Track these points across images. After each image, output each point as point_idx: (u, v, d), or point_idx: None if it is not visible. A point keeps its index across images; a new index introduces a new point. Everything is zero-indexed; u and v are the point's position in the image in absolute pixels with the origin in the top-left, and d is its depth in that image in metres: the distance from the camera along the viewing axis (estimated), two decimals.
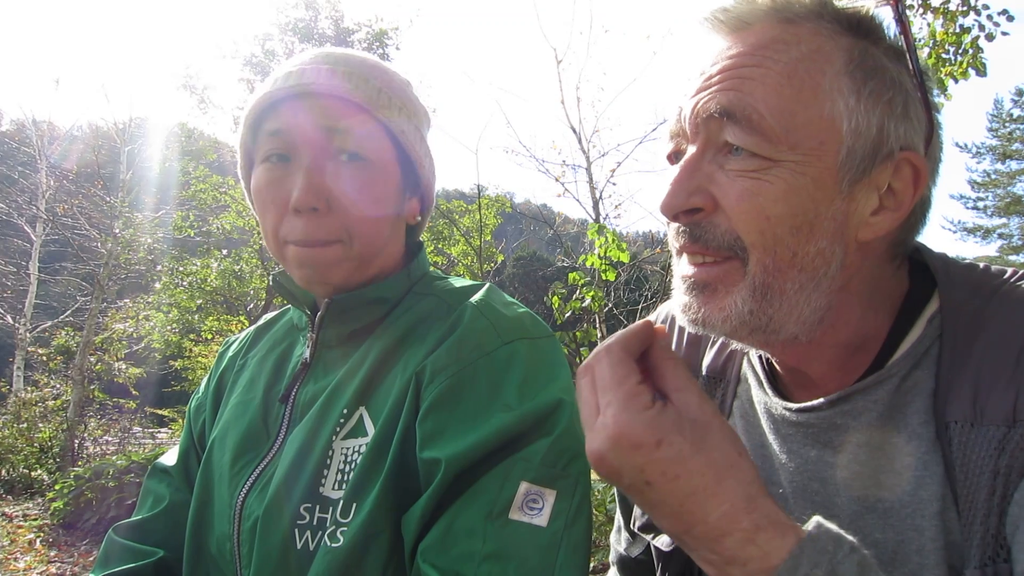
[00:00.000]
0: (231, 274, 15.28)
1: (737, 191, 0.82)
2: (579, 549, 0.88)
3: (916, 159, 0.84)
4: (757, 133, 0.81)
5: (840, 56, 0.83)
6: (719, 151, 0.85)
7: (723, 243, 0.84)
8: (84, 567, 6.49)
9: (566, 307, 6.02)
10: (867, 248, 0.86)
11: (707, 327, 0.87)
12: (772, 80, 0.82)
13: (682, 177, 0.85)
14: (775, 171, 0.81)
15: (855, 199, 0.83)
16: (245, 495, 1.03)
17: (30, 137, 17.44)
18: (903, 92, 0.84)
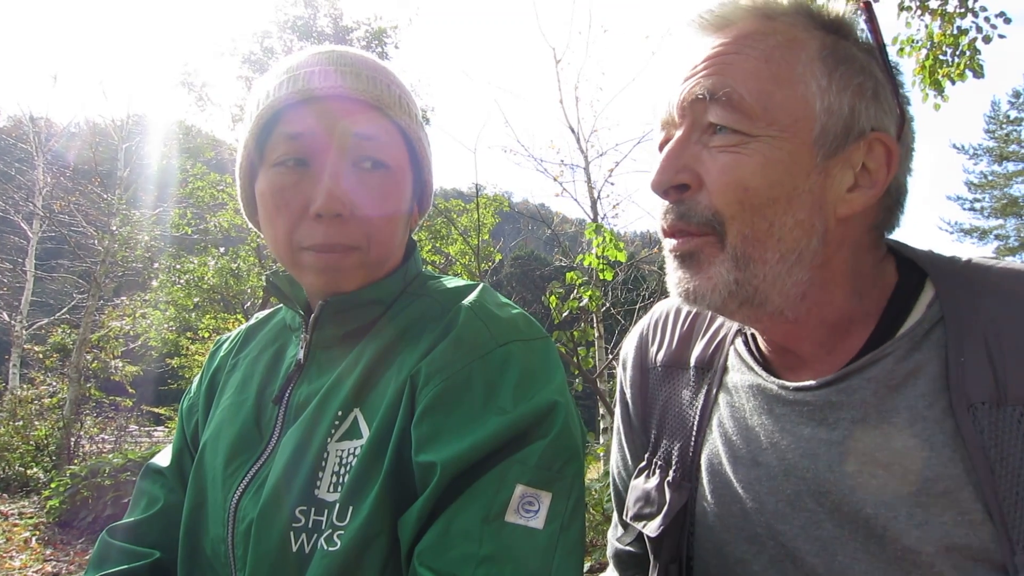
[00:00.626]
0: (228, 272, 15.25)
1: (719, 165, 0.89)
2: (575, 551, 0.88)
3: (887, 139, 0.90)
4: (737, 111, 0.88)
5: (814, 44, 0.90)
6: (704, 131, 0.91)
7: (703, 219, 0.90)
8: (80, 565, 6.48)
9: (564, 306, 6.02)
10: (847, 226, 0.91)
11: (699, 299, 0.93)
12: (751, 64, 0.89)
13: (670, 155, 0.92)
14: (753, 145, 0.88)
15: (831, 175, 0.89)
16: (239, 497, 1.03)
17: (27, 133, 17.39)
18: (873, 79, 0.91)
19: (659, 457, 1.12)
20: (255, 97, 1.06)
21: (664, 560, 1.06)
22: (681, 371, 1.14)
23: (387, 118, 1.04)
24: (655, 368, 1.18)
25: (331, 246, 1.00)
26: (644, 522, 1.09)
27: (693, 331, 1.15)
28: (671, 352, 1.16)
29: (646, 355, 1.21)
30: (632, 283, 12.11)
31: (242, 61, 17.48)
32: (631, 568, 1.25)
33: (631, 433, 1.22)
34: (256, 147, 1.05)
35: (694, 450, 1.06)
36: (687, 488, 1.05)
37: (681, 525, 1.04)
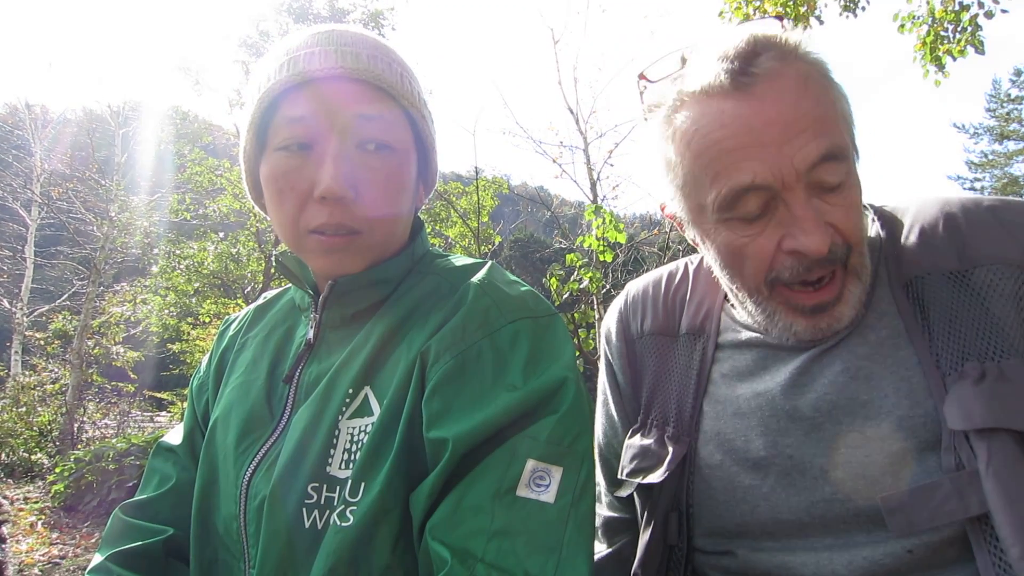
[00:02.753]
0: (228, 257, 15.26)
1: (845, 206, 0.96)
2: (586, 524, 0.89)
3: None
4: (846, 158, 0.96)
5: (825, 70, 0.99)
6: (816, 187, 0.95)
7: (834, 256, 0.97)
8: (86, 549, 6.53)
9: (564, 288, 6.03)
10: None
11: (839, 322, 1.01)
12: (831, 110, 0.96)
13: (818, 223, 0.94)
14: (853, 174, 0.98)
15: None
16: (251, 475, 1.04)
17: (23, 120, 17.32)
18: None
19: (653, 417, 1.18)
20: (255, 81, 1.06)
21: (663, 509, 1.12)
22: (670, 339, 1.22)
23: (389, 98, 1.03)
24: (641, 338, 1.25)
25: (335, 227, 1.00)
26: (643, 475, 1.15)
27: (676, 303, 1.24)
28: (658, 322, 1.24)
29: (629, 327, 1.29)
30: (632, 264, 12.10)
31: (238, 45, 17.39)
32: (619, 534, 1.29)
33: (620, 400, 1.28)
34: (258, 132, 1.05)
35: (693, 405, 1.13)
36: (686, 441, 1.11)
37: (680, 475, 1.11)
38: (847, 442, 0.96)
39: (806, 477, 0.99)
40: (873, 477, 0.94)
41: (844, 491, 0.95)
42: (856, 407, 0.97)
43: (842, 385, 0.99)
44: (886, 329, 0.99)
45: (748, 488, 1.03)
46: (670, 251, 9.40)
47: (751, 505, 1.03)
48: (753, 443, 1.04)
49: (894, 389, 0.95)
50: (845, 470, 0.96)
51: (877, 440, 0.94)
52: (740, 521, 1.04)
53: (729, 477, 1.06)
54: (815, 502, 0.97)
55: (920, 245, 1.02)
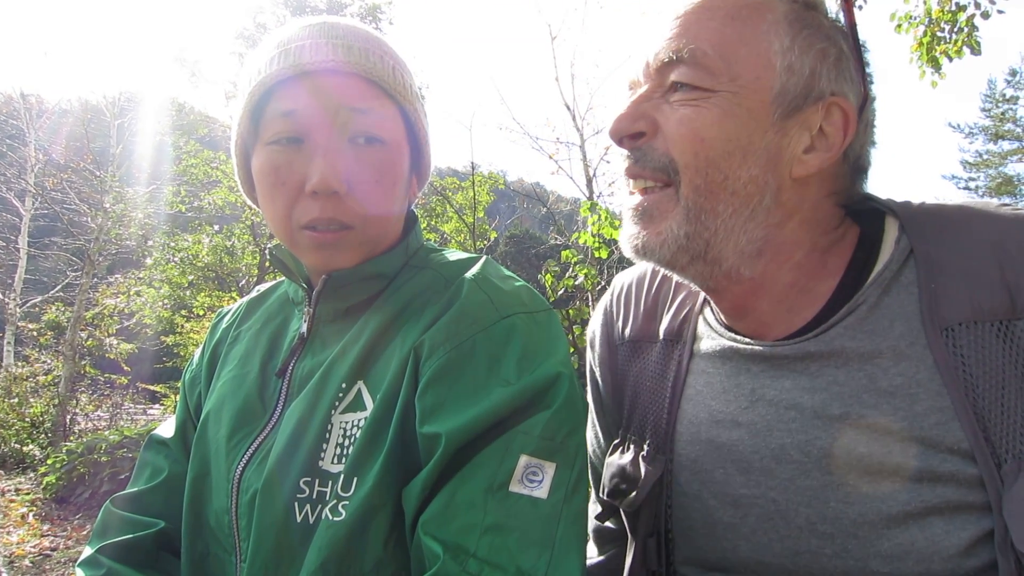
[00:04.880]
0: (223, 250, 15.22)
1: (677, 116, 0.91)
2: (579, 520, 0.89)
3: (845, 104, 0.92)
4: (700, 67, 0.90)
5: (780, 7, 0.93)
6: (667, 90, 0.94)
7: (659, 164, 0.93)
8: (78, 541, 6.52)
9: (559, 285, 6.03)
10: (803, 188, 0.94)
11: (647, 253, 0.96)
12: (716, 22, 0.92)
13: (631, 105, 0.95)
14: (713, 99, 0.90)
15: (787, 134, 0.91)
16: (243, 469, 1.03)
17: (18, 110, 17.23)
18: (837, 47, 0.94)
19: (633, 432, 1.12)
20: (247, 73, 1.05)
21: (642, 535, 1.07)
22: (649, 345, 1.14)
23: (381, 91, 1.03)
24: (623, 344, 1.18)
25: (327, 221, 0.99)
26: (620, 498, 1.09)
27: (658, 304, 1.16)
28: (638, 326, 1.17)
29: (612, 331, 1.22)
30: (628, 261, 12.11)
31: (235, 36, 17.33)
32: (610, 543, 1.26)
33: (603, 411, 1.23)
34: (250, 125, 1.04)
35: (668, 422, 1.06)
36: (662, 461, 1.05)
37: (658, 498, 1.05)
38: (838, 496, 0.88)
39: (791, 526, 0.91)
40: (866, 538, 0.86)
41: (833, 548, 0.88)
42: (852, 459, 0.87)
43: (837, 432, 0.89)
44: (903, 376, 0.86)
45: (728, 525, 0.97)
46: None
47: (732, 543, 0.96)
48: (733, 478, 0.97)
49: (902, 448, 0.84)
50: (835, 525, 0.88)
51: (874, 499, 0.86)
52: (721, 556, 0.98)
53: (708, 510, 0.99)
54: (800, 552, 0.90)
55: (967, 281, 0.86)
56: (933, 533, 0.82)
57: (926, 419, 0.84)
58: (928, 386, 0.85)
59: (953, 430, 0.82)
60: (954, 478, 0.82)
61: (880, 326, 0.89)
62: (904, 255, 0.92)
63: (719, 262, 0.93)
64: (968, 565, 0.81)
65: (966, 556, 0.81)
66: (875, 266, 0.93)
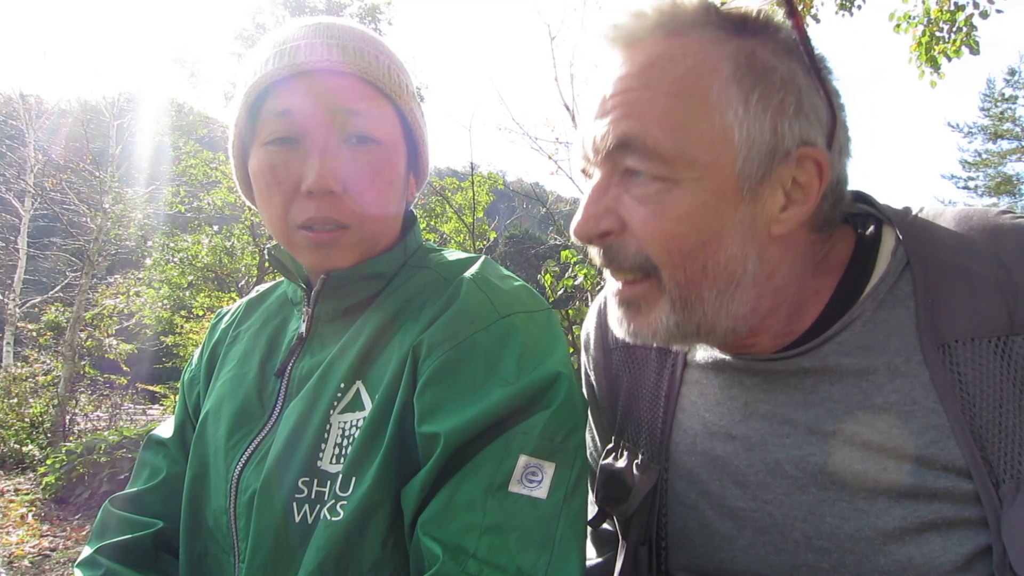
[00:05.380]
0: (222, 250, 15.19)
1: (642, 215, 0.86)
2: (578, 520, 0.89)
3: (816, 153, 0.86)
4: (654, 157, 0.84)
5: (726, 64, 0.84)
6: (624, 175, 0.88)
7: (635, 263, 0.89)
8: (77, 541, 6.51)
9: (559, 285, 6.02)
10: (786, 240, 0.89)
11: (641, 339, 0.93)
12: (661, 102, 0.84)
13: (591, 203, 0.89)
14: (676, 191, 0.84)
15: (761, 201, 0.86)
16: (241, 468, 1.03)
17: (17, 110, 17.23)
18: (795, 90, 0.86)
19: (627, 439, 1.11)
20: (245, 73, 1.05)
21: (633, 542, 1.06)
22: (644, 350, 1.12)
23: (377, 91, 1.03)
24: (617, 348, 1.17)
25: (323, 221, 0.99)
26: (613, 505, 1.09)
27: None
28: None
29: (606, 334, 1.20)
30: None
31: (234, 37, 17.33)
32: (608, 545, 1.26)
33: (597, 414, 1.22)
34: (247, 125, 1.04)
35: (663, 431, 1.05)
36: (655, 470, 1.04)
37: (650, 507, 1.04)
38: (834, 512, 0.87)
39: (787, 540, 0.91)
40: (863, 553, 0.85)
41: (829, 562, 0.88)
42: (847, 476, 0.87)
43: (831, 448, 0.88)
44: (898, 394, 0.85)
45: (725, 537, 0.96)
46: None
47: (729, 554, 0.96)
48: (729, 491, 0.96)
49: (897, 465, 0.84)
50: (831, 541, 0.87)
51: (870, 515, 0.85)
52: (719, 566, 0.98)
53: (705, 521, 0.99)
54: (798, 566, 0.90)
55: (964, 296, 0.84)
56: (930, 549, 0.82)
57: (921, 437, 0.83)
58: (923, 404, 0.83)
59: (949, 448, 0.81)
60: (950, 494, 0.81)
61: (875, 341, 0.88)
62: (900, 267, 0.89)
63: (714, 332, 0.91)
64: None
65: (963, 572, 0.80)
66: (871, 278, 0.91)
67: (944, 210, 0.93)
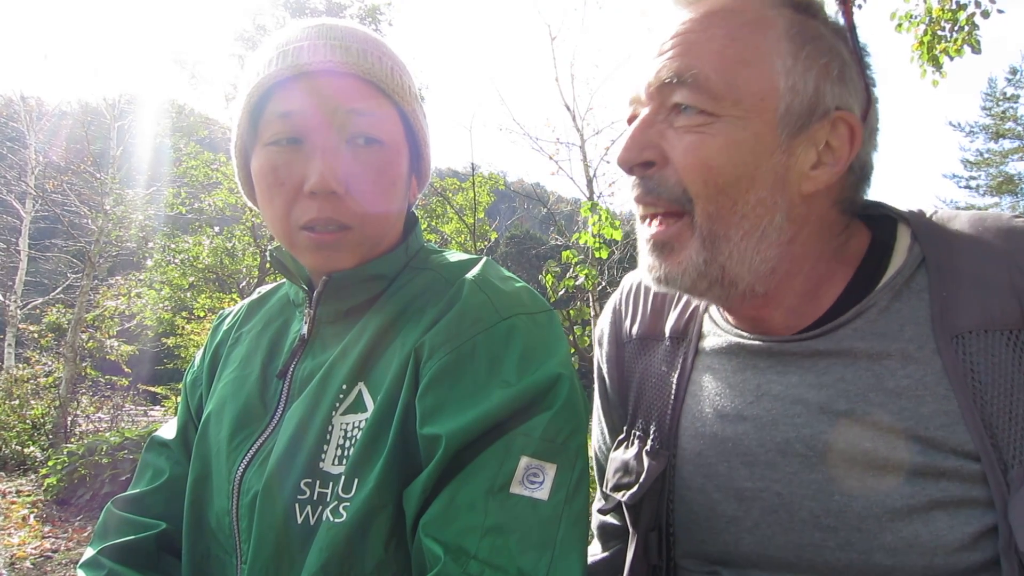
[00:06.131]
0: (223, 251, 15.20)
1: (684, 145, 0.92)
2: (580, 522, 0.89)
3: (851, 118, 0.93)
4: (703, 92, 0.90)
5: (781, 22, 0.92)
6: (670, 112, 0.94)
7: (672, 195, 0.93)
8: (79, 542, 6.52)
9: (559, 285, 6.03)
10: (812, 202, 0.95)
11: (669, 283, 0.97)
12: (717, 43, 0.91)
13: (636, 134, 0.95)
14: (718, 125, 0.90)
15: (794, 153, 0.92)
16: (243, 470, 1.04)
17: (18, 112, 17.25)
18: (839, 59, 0.93)
19: (637, 428, 1.13)
20: (247, 75, 1.05)
21: (643, 528, 1.07)
22: (656, 342, 1.15)
23: (379, 92, 1.03)
24: (631, 341, 1.19)
25: (325, 222, 0.99)
26: (623, 492, 1.10)
27: (666, 302, 1.18)
28: (645, 324, 1.18)
29: (620, 329, 1.23)
30: (628, 261, 12.11)
31: (234, 38, 17.35)
32: (613, 539, 1.27)
33: (608, 408, 1.24)
34: (250, 126, 1.04)
35: (672, 417, 1.07)
36: (665, 456, 1.06)
37: (659, 492, 1.05)
38: (842, 489, 0.89)
39: (794, 519, 0.92)
40: (870, 531, 0.87)
41: (836, 540, 0.89)
42: (856, 454, 0.88)
43: (842, 427, 0.90)
44: (910, 379, 0.87)
45: (732, 518, 0.97)
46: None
47: (734, 536, 0.97)
48: (737, 471, 0.98)
49: (906, 445, 0.85)
50: (839, 519, 0.89)
51: (878, 493, 0.87)
52: (724, 549, 0.99)
53: (711, 504, 1.00)
54: (803, 545, 0.91)
55: (978, 290, 0.88)
56: (936, 527, 0.83)
57: (932, 421, 0.85)
58: (935, 389, 0.86)
59: (958, 433, 0.83)
60: (958, 474, 0.83)
61: (890, 329, 0.90)
62: (916, 262, 0.93)
63: (735, 284, 0.94)
64: (971, 559, 0.82)
65: (969, 551, 0.82)
66: (887, 271, 0.95)
67: (958, 214, 0.97)
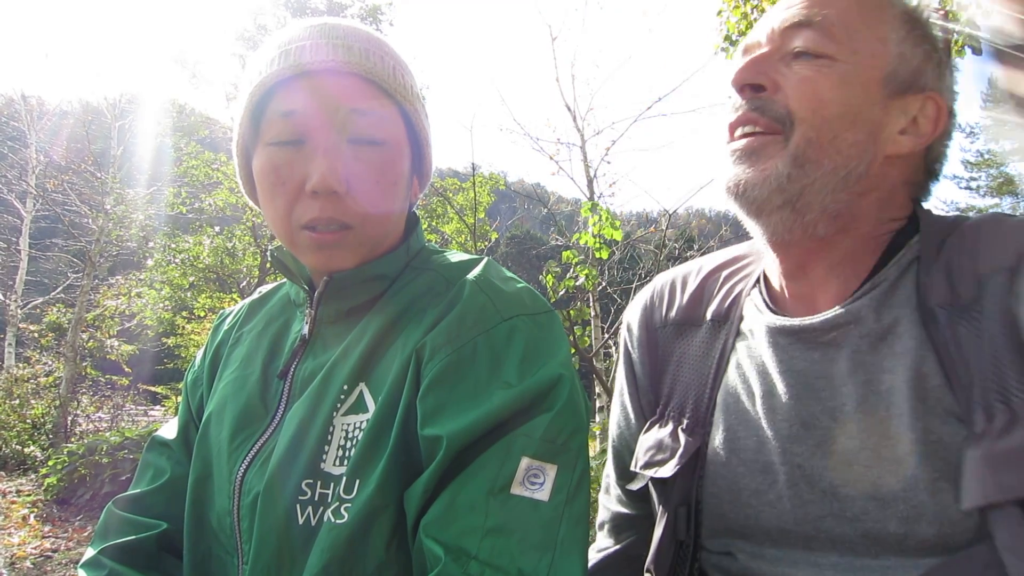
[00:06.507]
0: (224, 251, 15.19)
1: (799, 76, 0.99)
2: (580, 522, 0.89)
3: (941, 100, 1.01)
4: (827, 35, 0.98)
5: (900, 6, 1.02)
6: (788, 55, 1.01)
7: (776, 115, 0.99)
8: (79, 542, 6.52)
9: (560, 285, 6.02)
10: (890, 166, 1.01)
11: (747, 191, 1.01)
12: (845, 1, 1.00)
13: (756, 59, 1.02)
14: (834, 67, 0.98)
15: (889, 113, 0.99)
16: (244, 471, 1.04)
17: (19, 111, 17.25)
18: (940, 54, 1.03)
19: (672, 408, 1.15)
20: (248, 74, 1.05)
21: (674, 503, 1.09)
22: (694, 327, 1.18)
23: (381, 91, 1.03)
24: (665, 327, 1.22)
25: (327, 221, 0.99)
26: (656, 468, 1.12)
27: (705, 291, 1.21)
28: (683, 310, 1.21)
29: (652, 317, 1.25)
30: (628, 262, 12.11)
31: (235, 38, 17.35)
32: (626, 531, 1.28)
33: (637, 393, 1.25)
34: (251, 125, 1.04)
35: (709, 396, 1.10)
36: (700, 434, 1.08)
37: (693, 468, 1.08)
38: (860, 460, 0.92)
39: (815, 490, 0.95)
40: (884, 500, 0.89)
41: (853, 511, 0.91)
42: (873, 424, 0.91)
43: (861, 398, 0.93)
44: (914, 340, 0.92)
45: (754, 492, 1.00)
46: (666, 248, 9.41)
47: (755, 509, 1.00)
48: (764, 445, 1.01)
49: (911, 408, 0.89)
50: (856, 488, 0.91)
51: (891, 462, 0.89)
52: (744, 523, 1.01)
53: (735, 477, 1.02)
54: (822, 516, 0.93)
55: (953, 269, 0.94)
56: (943, 498, 0.86)
57: (932, 380, 0.89)
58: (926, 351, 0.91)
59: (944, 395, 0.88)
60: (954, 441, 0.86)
61: (898, 300, 0.96)
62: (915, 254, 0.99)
63: (804, 212, 0.99)
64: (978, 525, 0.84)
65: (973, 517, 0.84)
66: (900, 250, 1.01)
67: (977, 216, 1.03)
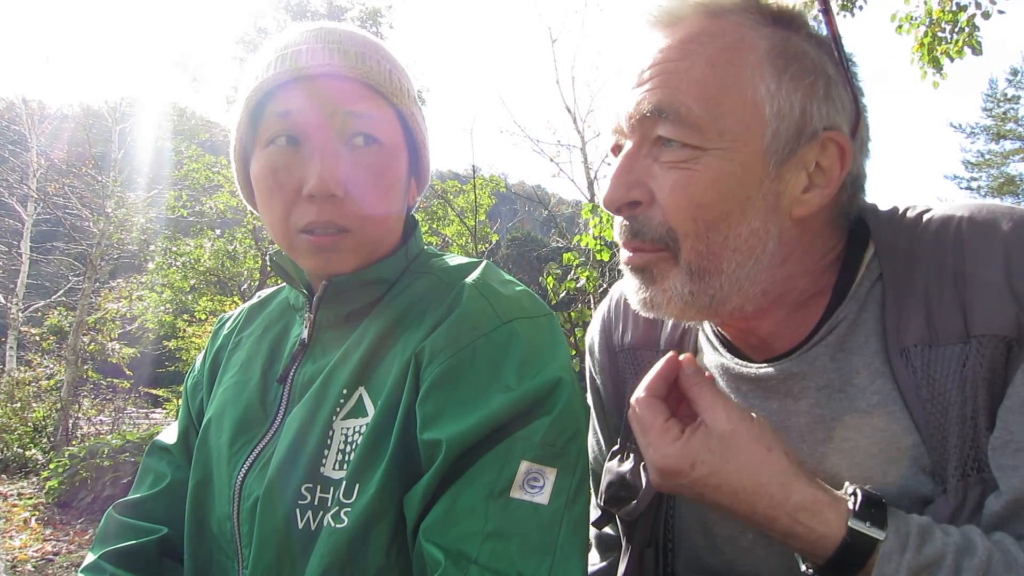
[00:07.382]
0: (225, 254, 15.19)
1: (671, 181, 0.88)
2: (580, 526, 0.89)
3: (840, 138, 0.89)
4: (686, 125, 0.86)
5: (762, 44, 0.88)
6: (654, 145, 0.90)
7: (657, 235, 0.90)
8: (80, 545, 6.51)
9: (561, 287, 6.02)
10: (804, 224, 0.92)
11: (656, 308, 0.95)
12: (697, 71, 0.87)
13: (621, 172, 0.92)
14: (705, 159, 0.87)
15: (784, 179, 0.89)
16: (244, 475, 1.04)
17: (20, 115, 17.26)
18: (825, 76, 0.89)
19: (633, 441, 1.10)
20: (246, 78, 1.05)
21: (638, 544, 1.06)
22: (651, 353, 1.13)
23: (378, 94, 1.03)
24: (623, 351, 1.18)
25: (324, 225, 0.99)
26: (619, 506, 1.09)
27: None
28: (639, 334, 1.16)
29: (611, 338, 1.21)
30: None
31: (236, 41, 17.37)
32: (612, 550, 1.26)
33: (604, 417, 1.22)
34: (249, 128, 1.04)
35: None
36: None
37: (657, 508, 1.04)
38: None
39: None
40: None
41: None
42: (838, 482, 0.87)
43: (822, 456, 0.90)
44: (878, 395, 0.88)
45: (727, 539, 0.98)
46: None
47: (730, 557, 0.98)
48: None
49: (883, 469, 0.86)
50: None
51: None
52: (722, 568, 0.99)
53: (709, 523, 1.00)
54: (794, 569, 0.88)
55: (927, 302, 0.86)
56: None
57: (904, 440, 0.85)
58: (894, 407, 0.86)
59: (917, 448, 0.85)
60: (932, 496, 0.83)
61: (857, 343, 0.91)
62: (875, 276, 0.93)
63: (724, 307, 0.92)
64: None
65: None
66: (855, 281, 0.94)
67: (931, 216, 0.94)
